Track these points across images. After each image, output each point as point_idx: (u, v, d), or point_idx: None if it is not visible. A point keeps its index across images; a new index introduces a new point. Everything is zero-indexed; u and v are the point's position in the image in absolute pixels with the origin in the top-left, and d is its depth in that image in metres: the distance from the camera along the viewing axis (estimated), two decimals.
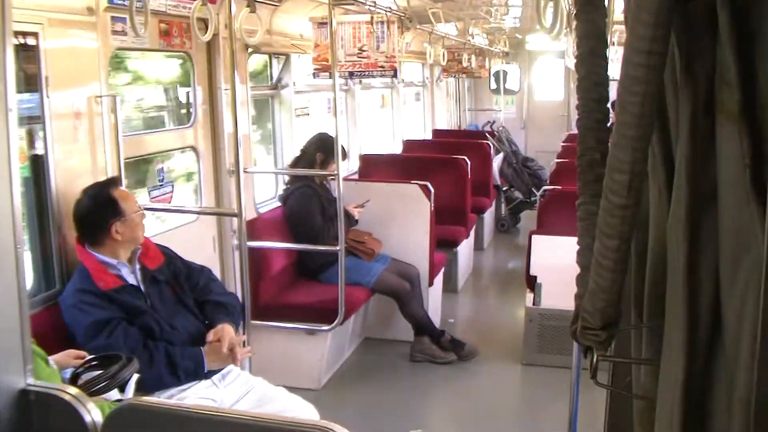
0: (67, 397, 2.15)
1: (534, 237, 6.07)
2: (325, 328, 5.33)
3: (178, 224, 4.98)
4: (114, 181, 3.78)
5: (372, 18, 5.80)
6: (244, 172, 5.34)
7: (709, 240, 1.28)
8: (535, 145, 13.90)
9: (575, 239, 5.16)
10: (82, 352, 3.16)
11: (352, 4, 5.52)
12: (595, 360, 1.78)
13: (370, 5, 5.61)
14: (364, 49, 6.11)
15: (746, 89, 1.15)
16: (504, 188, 10.96)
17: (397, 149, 10.00)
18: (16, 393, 2.10)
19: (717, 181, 1.25)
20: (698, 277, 1.28)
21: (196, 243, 4.94)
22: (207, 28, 4.95)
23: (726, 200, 1.21)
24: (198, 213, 5.18)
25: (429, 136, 11.71)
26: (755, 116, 1.14)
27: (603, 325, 1.56)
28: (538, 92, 15.63)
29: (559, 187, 6.39)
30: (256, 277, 5.16)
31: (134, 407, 1.99)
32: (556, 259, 5.93)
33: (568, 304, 5.11)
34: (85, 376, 2.94)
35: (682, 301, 1.30)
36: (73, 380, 2.91)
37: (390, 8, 6.07)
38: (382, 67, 6.14)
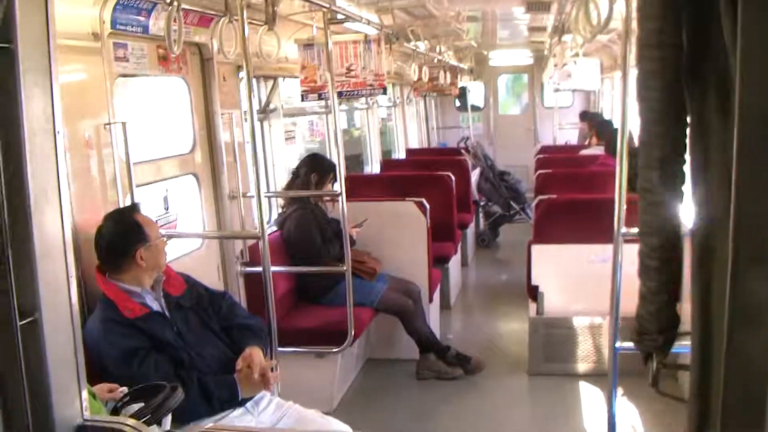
0: (127, 429, 2.08)
1: (533, 247, 6.06)
2: (335, 350, 5.26)
3: (181, 252, 4.88)
4: (135, 207, 3.71)
5: (366, 37, 5.77)
6: (244, 197, 5.30)
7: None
8: (504, 159, 13.96)
9: (574, 246, 5.18)
10: (114, 385, 3.06)
11: (347, 21, 5.49)
12: (655, 367, 1.74)
13: (364, 23, 5.59)
14: (352, 68, 6.08)
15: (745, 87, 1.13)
16: (482, 203, 10.98)
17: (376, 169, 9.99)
18: (74, 430, 2.02)
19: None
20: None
21: (201, 270, 4.84)
22: (201, 52, 4.94)
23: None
24: (219, 237, 5.15)
25: (403, 156, 11.72)
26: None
27: (659, 329, 1.53)
28: (503, 107, 15.83)
29: (554, 196, 6.39)
30: (260, 301, 5.08)
31: None
32: (556, 268, 5.95)
33: (572, 311, 5.13)
34: (128, 410, 2.85)
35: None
36: (114, 414, 2.83)
37: (379, 25, 6.06)
38: (371, 85, 6.12)
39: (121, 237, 3.52)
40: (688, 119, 1.41)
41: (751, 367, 1.14)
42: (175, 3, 3.42)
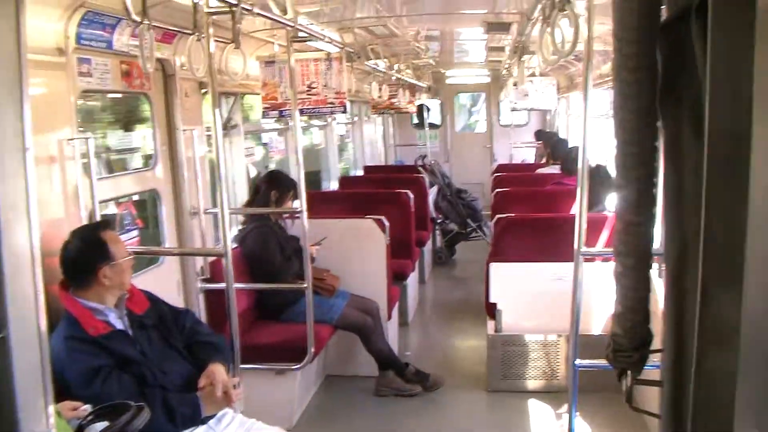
0: None
1: (491, 264, 6.11)
2: (295, 366, 5.26)
3: (141, 269, 4.85)
4: (105, 224, 3.67)
5: (327, 55, 5.81)
6: (204, 213, 5.28)
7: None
8: (461, 177, 14.05)
9: (531, 265, 5.24)
10: (78, 403, 3.03)
11: (310, 40, 5.52)
12: (629, 383, 1.78)
13: (326, 41, 5.62)
14: (313, 86, 6.11)
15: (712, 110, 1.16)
16: (439, 220, 11.04)
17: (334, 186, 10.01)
18: None
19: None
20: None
21: (160, 286, 4.81)
22: (164, 68, 4.93)
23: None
24: (182, 254, 5.12)
25: (360, 173, 11.76)
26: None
27: (633, 347, 1.56)
28: (470, 117, 15.99)
29: (512, 215, 6.46)
30: (220, 318, 5.06)
31: None
32: (514, 285, 6.01)
33: (529, 329, 5.20)
34: (92, 429, 2.82)
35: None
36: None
37: (341, 44, 6.10)
38: (331, 103, 6.15)
39: (85, 254, 3.49)
40: (661, 142, 1.45)
41: (719, 387, 1.17)
42: (146, 21, 3.41)
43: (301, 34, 5.13)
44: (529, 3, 5.17)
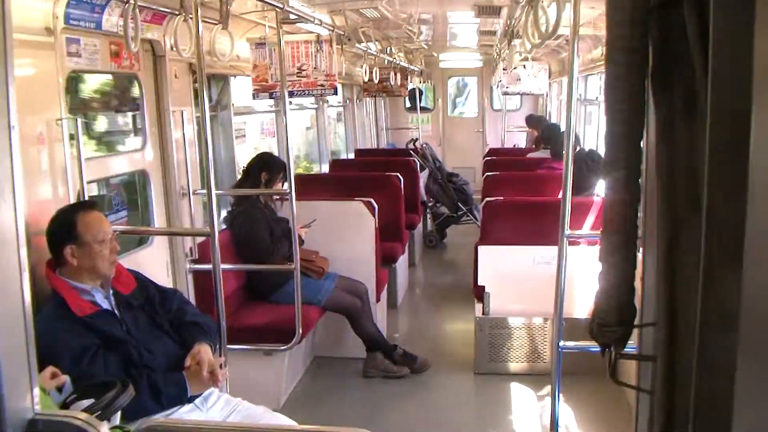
0: (78, 423, 2.09)
1: (480, 248, 6.14)
2: (283, 347, 5.29)
3: (129, 250, 4.87)
4: (85, 205, 3.66)
5: (318, 37, 5.81)
6: (193, 194, 5.30)
7: (692, 243, 1.30)
8: (453, 161, 14.09)
9: (520, 248, 5.27)
10: (56, 370, 3.04)
11: (300, 22, 5.52)
12: (613, 357, 1.81)
13: (316, 23, 5.62)
14: (303, 68, 6.12)
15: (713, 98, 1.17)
16: (430, 204, 11.06)
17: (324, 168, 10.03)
18: (26, 424, 2.03)
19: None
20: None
21: (149, 267, 4.84)
22: (153, 49, 4.93)
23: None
24: (170, 234, 5.14)
25: (352, 156, 11.77)
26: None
27: (619, 322, 1.60)
28: (454, 109, 15.98)
29: (501, 198, 6.49)
30: (209, 299, 5.08)
31: (154, 429, 1.96)
32: (502, 268, 6.05)
33: (517, 312, 5.25)
34: (77, 405, 2.85)
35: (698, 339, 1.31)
36: (64, 409, 2.82)
37: (331, 26, 6.10)
38: (321, 85, 6.16)
39: (53, 233, 3.52)
40: (653, 122, 1.48)
41: (720, 366, 1.19)
42: (132, 1, 3.42)
43: (291, 16, 5.13)
44: None
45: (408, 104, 15.06)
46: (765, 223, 1.03)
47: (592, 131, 9.48)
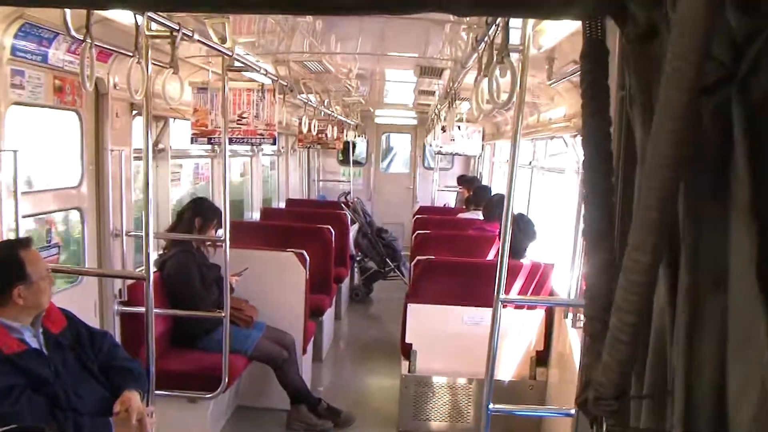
0: None
1: (409, 306, 6.17)
2: (209, 395, 5.21)
3: (58, 289, 4.76)
4: (24, 242, 3.58)
5: (261, 86, 5.83)
6: (127, 235, 5.23)
7: (713, 324, 1.31)
8: (382, 216, 14.15)
9: (449, 307, 5.29)
10: None
11: (245, 70, 5.54)
12: (604, 430, 1.82)
13: (261, 72, 5.65)
14: (244, 115, 6.14)
15: (756, 186, 1.17)
16: (358, 258, 11.09)
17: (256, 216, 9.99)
18: None
19: (726, 267, 1.27)
20: (700, 357, 1.33)
21: (77, 307, 4.72)
22: (97, 87, 4.88)
23: (734, 289, 1.24)
24: (104, 275, 5.03)
25: (283, 205, 11.76)
26: (764, 212, 1.16)
27: (617, 395, 1.61)
28: (389, 165, 16.15)
29: (432, 257, 6.54)
30: (136, 342, 5.00)
31: None
32: (430, 327, 6.08)
33: (443, 371, 5.28)
34: None
35: (683, 376, 1.35)
36: None
37: (275, 76, 6.13)
38: (261, 134, 6.18)
39: (1, 272, 3.43)
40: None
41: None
42: (88, 40, 3.39)
43: (237, 63, 5.15)
44: (463, 51, 5.29)
45: (341, 156, 15.14)
46: None
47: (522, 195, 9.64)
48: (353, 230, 10.79)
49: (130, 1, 1.84)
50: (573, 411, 3.73)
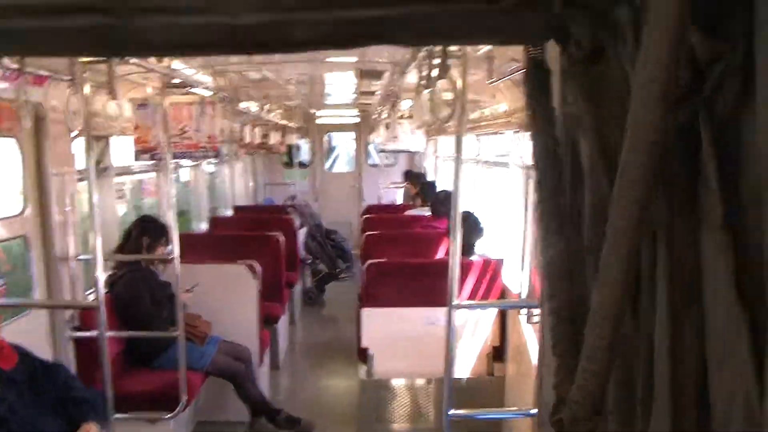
0: None
1: (363, 310, 6.18)
2: (168, 416, 5.18)
3: (6, 322, 4.68)
4: None
5: (203, 99, 5.80)
6: (75, 260, 5.17)
7: (692, 338, 1.31)
8: (329, 216, 14.14)
9: (403, 309, 5.31)
10: None
11: (184, 86, 5.51)
12: None
13: (201, 87, 5.62)
14: (185, 130, 6.10)
15: (728, 198, 1.18)
16: (308, 261, 11.08)
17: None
18: None
19: (701, 282, 1.27)
20: (684, 370, 1.33)
21: (28, 338, 4.66)
22: (35, 111, 4.81)
23: (711, 301, 1.25)
24: (54, 307, 4.95)
25: (230, 213, 11.70)
26: (737, 224, 1.17)
27: (595, 412, 1.59)
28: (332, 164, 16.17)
29: (384, 260, 6.56)
30: (91, 367, 4.95)
31: None
32: (385, 330, 6.10)
33: (401, 373, 5.32)
34: None
35: (668, 388, 1.35)
36: None
37: (216, 88, 6.10)
38: (204, 147, 6.15)
39: None
40: None
41: None
42: (27, 69, 3.35)
43: (175, 80, 5.11)
44: (401, 54, 5.32)
45: (286, 159, 15.09)
46: None
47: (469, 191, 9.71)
48: (302, 234, 10.77)
49: (145, 49, 1.83)
50: (534, 411, 3.77)
